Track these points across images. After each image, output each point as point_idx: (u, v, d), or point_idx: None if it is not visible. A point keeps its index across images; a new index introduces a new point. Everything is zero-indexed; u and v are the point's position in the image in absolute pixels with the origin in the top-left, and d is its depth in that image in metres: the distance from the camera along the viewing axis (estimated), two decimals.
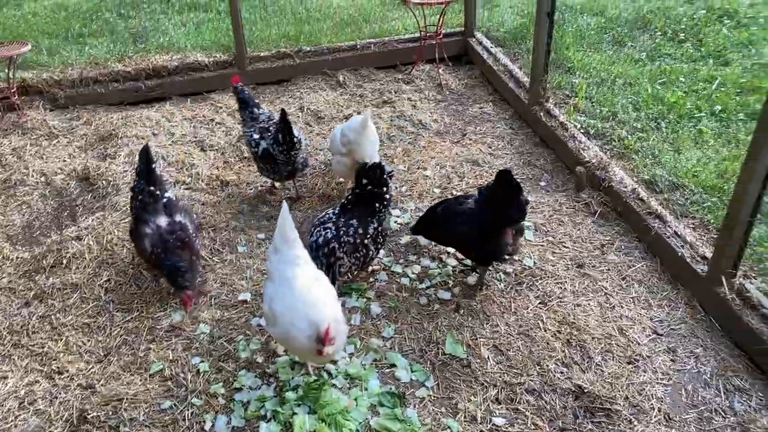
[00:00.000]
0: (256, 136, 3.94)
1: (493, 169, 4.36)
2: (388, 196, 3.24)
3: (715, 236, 3.16)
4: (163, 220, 3.30)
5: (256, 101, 4.18)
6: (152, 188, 3.34)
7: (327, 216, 3.22)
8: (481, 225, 3.11)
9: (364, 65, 5.76)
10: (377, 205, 3.20)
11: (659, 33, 5.67)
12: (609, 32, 5.77)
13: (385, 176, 3.18)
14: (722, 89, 4.72)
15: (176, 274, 3.19)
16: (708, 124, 4.35)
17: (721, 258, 3.02)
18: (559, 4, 6.24)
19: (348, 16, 6.58)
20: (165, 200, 3.39)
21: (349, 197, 3.24)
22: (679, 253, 3.29)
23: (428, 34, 5.61)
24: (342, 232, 3.13)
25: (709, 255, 3.16)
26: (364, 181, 3.16)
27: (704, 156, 4.03)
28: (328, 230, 3.13)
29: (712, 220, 3.51)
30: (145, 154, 3.39)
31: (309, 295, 2.68)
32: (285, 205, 2.73)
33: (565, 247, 3.64)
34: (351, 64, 5.74)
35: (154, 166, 3.40)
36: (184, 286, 3.22)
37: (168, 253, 3.20)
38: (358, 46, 5.79)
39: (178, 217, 3.35)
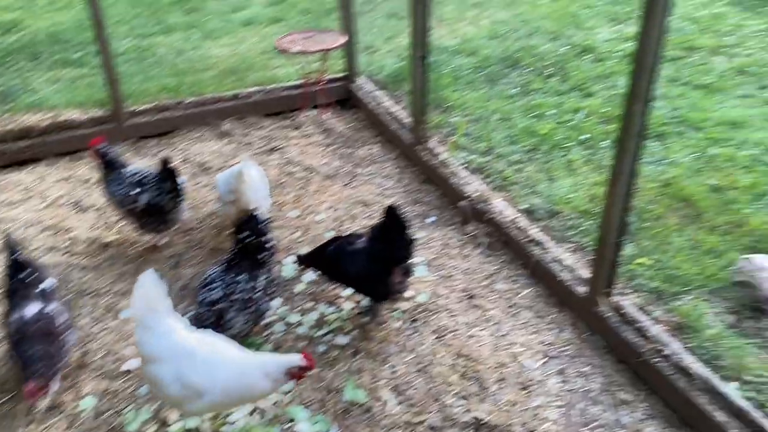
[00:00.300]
0: (134, 191, 3.80)
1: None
2: (269, 245, 3.20)
3: (591, 258, 3.35)
4: (31, 309, 3.01)
5: (123, 161, 4.02)
6: (23, 275, 3.11)
7: (211, 276, 3.12)
8: (370, 264, 3.16)
9: (249, 113, 5.72)
10: (261, 255, 3.15)
11: (529, 69, 6.05)
12: (483, 71, 6.08)
13: (261, 225, 3.15)
14: (587, 119, 5.09)
15: (27, 363, 2.86)
16: (577, 153, 4.66)
17: (598, 278, 3.21)
18: (435, 46, 6.52)
19: (230, 66, 6.55)
20: (40, 289, 3.15)
21: (233, 252, 3.17)
22: (560, 277, 3.47)
23: (312, 81, 5.69)
24: (230, 291, 3.04)
25: (587, 276, 3.35)
26: (244, 233, 3.11)
27: (576, 183, 4.30)
28: (215, 291, 3.03)
29: (587, 243, 3.72)
30: (8, 245, 3.17)
31: (226, 349, 2.62)
32: (145, 275, 2.59)
33: (456, 280, 3.74)
34: (236, 113, 5.69)
35: (15, 256, 3.15)
36: (31, 376, 2.83)
37: (24, 342, 2.90)
38: (241, 95, 5.76)
39: (50, 307, 3.07)
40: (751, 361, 2.90)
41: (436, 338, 3.31)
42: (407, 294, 3.58)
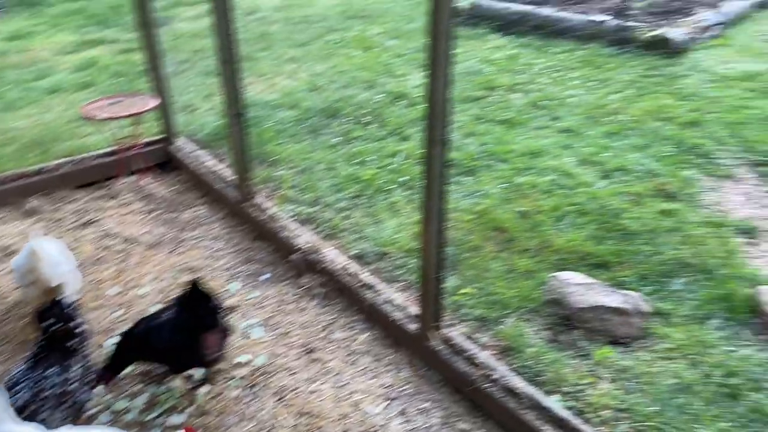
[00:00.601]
0: None
1: (215, 272, 4.30)
2: (79, 330, 2.94)
3: (418, 295, 3.46)
4: None
5: None
6: None
7: (17, 375, 2.78)
8: (178, 334, 3.05)
9: (58, 187, 5.31)
10: (71, 342, 2.88)
11: (348, 119, 6.25)
12: (305, 123, 6.19)
13: (67, 310, 2.90)
14: (405, 161, 5.34)
15: None
16: (399, 194, 4.85)
17: (426, 314, 3.33)
18: (255, 101, 6.54)
19: (33, 138, 6.07)
20: None
21: (40, 344, 2.86)
22: (393, 317, 3.55)
23: (126, 146, 5.43)
24: (40, 389, 2.73)
25: (416, 313, 3.46)
26: (49, 321, 2.83)
27: (400, 223, 4.46)
28: (22, 394, 2.70)
29: (415, 281, 3.86)
30: None
31: None
32: None
33: (293, 336, 3.68)
34: (43, 189, 5.25)
35: None
36: None
37: None
38: (47, 168, 5.33)
39: None
40: (568, 372, 3.14)
41: (277, 400, 3.22)
42: (243, 359, 3.47)
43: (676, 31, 7.91)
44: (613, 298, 3.45)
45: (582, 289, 3.51)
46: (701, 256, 3.97)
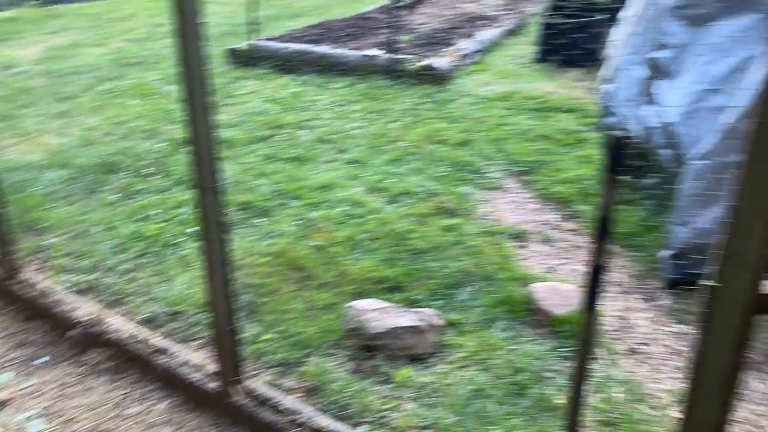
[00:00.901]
0: None
1: None
2: None
3: (215, 351, 3.30)
4: None
5: None
6: None
7: None
8: None
9: None
10: None
11: (128, 172, 5.87)
12: (78, 182, 5.69)
13: None
14: (193, 211, 5.12)
15: None
16: (189, 246, 4.63)
17: (225, 370, 3.18)
18: (17, 164, 5.91)
19: None
20: None
21: None
22: (191, 379, 3.34)
23: None
24: None
25: (216, 370, 3.28)
26: None
27: (193, 277, 4.25)
28: None
29: (210, 337, 3.67)
30: None
31: None
32: None
33: (80, 421, 3.30)
34: None
35: None
36: None
37: None
38: None
39: None
40: (373, 399, 3.17)
41: None
42: None
43: (440, 61, 8.63)
44: (407, 318, 3.57)
45: (377, 314, 3.59)
46: (481, 264, 4.30)
